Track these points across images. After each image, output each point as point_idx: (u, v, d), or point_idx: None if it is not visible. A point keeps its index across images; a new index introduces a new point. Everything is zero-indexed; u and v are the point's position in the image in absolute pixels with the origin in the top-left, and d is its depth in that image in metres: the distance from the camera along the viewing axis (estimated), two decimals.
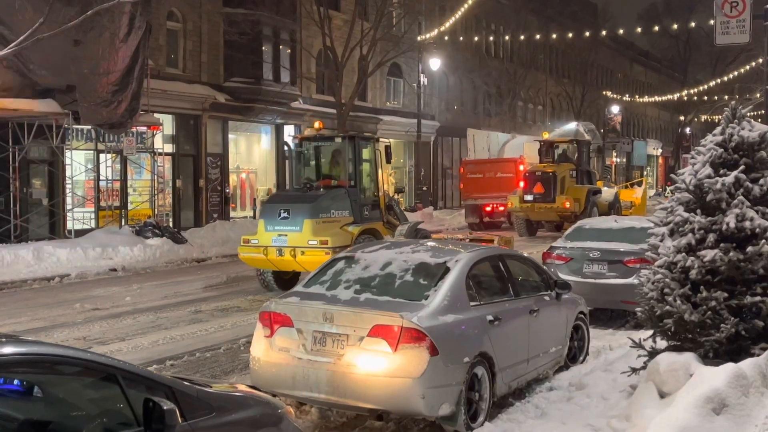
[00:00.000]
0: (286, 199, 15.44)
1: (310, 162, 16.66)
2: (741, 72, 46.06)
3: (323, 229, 14.46)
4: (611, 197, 27.03)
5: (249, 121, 29.05)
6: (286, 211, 14.58)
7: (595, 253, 11.79)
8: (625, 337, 9.13)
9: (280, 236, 14.42)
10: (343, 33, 30.39)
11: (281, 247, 14.29)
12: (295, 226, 14.34)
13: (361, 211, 15.53)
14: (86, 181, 23.38)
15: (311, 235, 14.23)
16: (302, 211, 14.46)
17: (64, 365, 3.95)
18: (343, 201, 15.18)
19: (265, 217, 15.00)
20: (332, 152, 16.60)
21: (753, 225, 6.67)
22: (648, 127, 75.15)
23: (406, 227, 16.00)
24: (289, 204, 14.81)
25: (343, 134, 17.00)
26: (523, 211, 25.41)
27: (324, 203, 14.82)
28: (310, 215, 14.40)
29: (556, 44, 47.91)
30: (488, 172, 29.52)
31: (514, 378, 7.54)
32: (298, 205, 14.64)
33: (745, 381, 5.94)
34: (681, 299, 6.76)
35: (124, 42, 20.88)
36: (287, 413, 4.98)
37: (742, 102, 9.11)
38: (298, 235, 14.26)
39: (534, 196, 24.88)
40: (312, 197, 14.95)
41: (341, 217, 15.02)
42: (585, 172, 26.70)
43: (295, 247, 14.15)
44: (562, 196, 24.75)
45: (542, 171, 25.52)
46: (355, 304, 6.75)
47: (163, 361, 9.48)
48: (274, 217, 14.65)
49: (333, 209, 14.93)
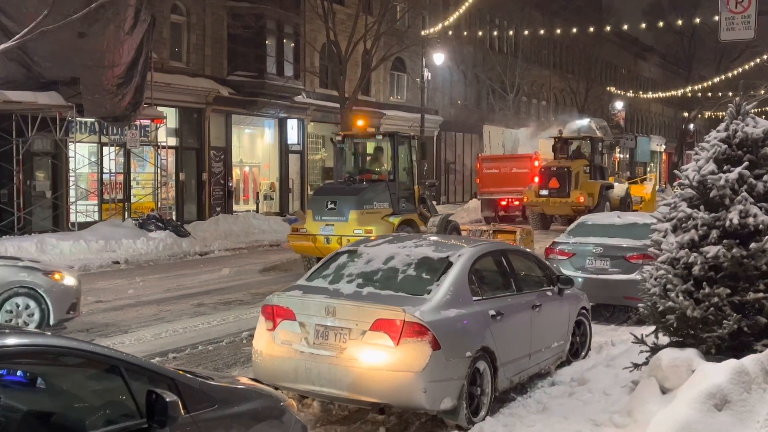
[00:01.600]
0: (332, 192, 16.60)
1: (352, 157, 18.04)
2: (746, 68, 45.96)
3: (367, 219, 15.69)
4: (623, 192, 27.68)
5: (252, 115, 29.04)
6: (333, 202, 15.87)
7: (597, 248, 11.79)
8: (627, 332, 9.15)
9: (327, 225, 15.70)
10: (347, 27, 30.33)
11: (328, 235, 15.53)
12: (341, 217, 15.64)
13: (399, 203, 16.74)
14: (90, 174, 23.40)
15: (356, 224, 15.46)
16: (348, 202, 15.76)
17: (67, 357, 3.97)
18: (383, 194, 16.44)
19: (313, 208, 16.36)
20: (373, 149, 18.11)
21: (756, 221, 6.67)
22: (652, 123, 74.98)
23: (438, 219, 17.37)
24: (336, 196, 16.06)
25: (383, 132, 18.58)
26: (539, 205, 26.03)
27: (367, 196, 16.08)
28: (355, 207, 15.69)
29: (561, 39, 47.81)
30: (504, 167, 30.06)
31: (515, 373, 7.55)
32: (344, 198, 15.90)
33: (747, 377, 5.94)
34: (684, 295, 6.76)
35: (129, 35, 20.90)
36: (289, 406, 5.00)
37: (747, 98, 9.10)
38: (345, 224, 15.52)
39: (549, 190, 25.60)
40: (356, 190, 16.20)
41: (382, 209, 16.28)
42: (598, 167, 27.35)
43: (341, 236, 15.23)
44: (576, 191, 25.40)
45: (557, 167, 26.20)
46: (357, 298, 6.76)
47: (165, 354, 9.50)
48: (322, 208, 15.94)
49: (375, 201, 16.23)
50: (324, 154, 33.99)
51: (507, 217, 29.27)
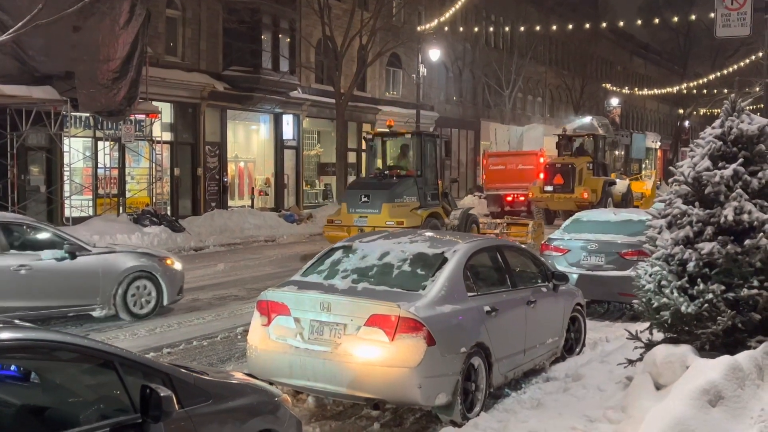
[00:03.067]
0: (365, 186, 18.15)
1: (381, 154, 19.55)
2: (741, 65, 46.01)
3: (398, 211, 17.18)
4: (624, 188, 28.37)
5: (248, 110, 28.98)
6: (366, 196, 17.39)
7: (592, 245, 11.80)
8: (621, 329, 9.16)
9: (361, 217, 17.23)
10: (343, 22, 30.30)
11: (362, 226, 16.84)
12: (374, 209, 17.15)
13: (426, 198, 18.19)
14: (84, 169, 23.33)
15: (388, 216, 16.93)
16: (381, 196, 17.27)
17: (61, 351, 3.96)
18: (412, 188, 17.92)
19: (347, 201, 17.87)
20: (400, 146, 19.43)
21: (751, 218, 6.68)
22: (647, 120, 75.04)
23: (459, 212, 18.91)
24: (369, 190, 17.59)
25: (411, 131, 20.03)
26: (544, 200, 26.74)
27: (398, 190, 17.59)
28: (387, 200, 17.23)
29: (556, 36, 47.81)
30: (510, 163, 30.81)
31: (510, 369, 7.56)
32: (377, 192, 17.39)
33: (741, 373, 5.96)
34: (678, 291, 6.78)
35: (124, 29, 20.82)
36: (284, 401, 5.00)
37: (742, 95, 9.11)
38: (377, 216, 17.01)
39: (554, 186, 26.31)
40: (388, 185, 17.70)
41: (410, 202, 17.78)
42: (600, 164, 28.03)
43: (374, 227, 16.40)
44: (580, 187, 26.09)
45: (562, 163, 26.86)
46: (352, 293, 6.76)
47: (160, 349, 9.49)
48: (356, 201, 17.50)
49: (405, 195, 17.73)
50: (319, 150, 33.95)
51: (512, 212, 29.78)
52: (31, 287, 10.18)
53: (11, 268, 10.05)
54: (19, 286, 10.09)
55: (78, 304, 10.78)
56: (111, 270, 10.87)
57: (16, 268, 10.10)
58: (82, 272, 10.59)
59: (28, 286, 10.14)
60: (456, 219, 18.51)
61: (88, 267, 10.66)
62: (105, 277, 10.80)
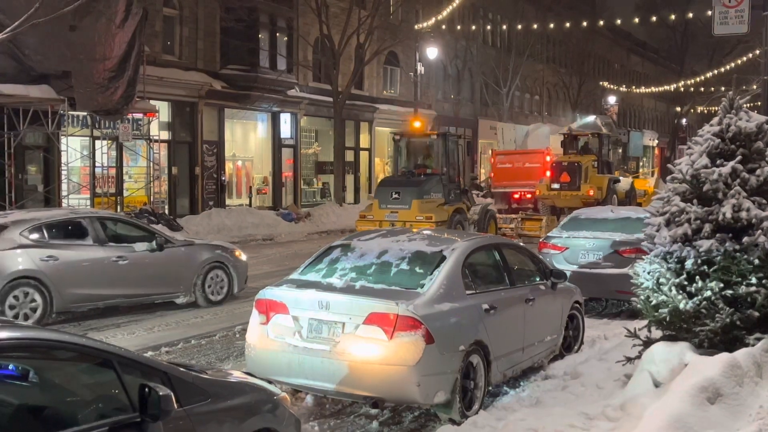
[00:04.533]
0: (395, 184, 19.45)
1: (407, 154, 20.85)
2: (738, 63, 46.00)
3: (426, 207, 18.48)
4: (628, 186, 28.99)
5: (245, 109, 28.96)
6: (396, 193, 18.74)
7: (590, 243, 11.81)
8: (619, 326, 9.16)
9: (392, 213, 18.50)
10: (341, 21, 30.28)
11: (393, 221, 18.08)
12: (404, 205, 18.47)
13: (450, 194, 19.48)
14: (82, 168, 23.31)
15: (418, 211, 18.27)
16: (410, 193, 18.60)
17: (60, 350, 3.95)
18: (438, 185, 19.22)
19: (379, 197, 19.22)
20: (425, 146, 20.84)
21: (749, 215, 6.68)
22: (644, 118, 75.07)
23: (479, 207, 20.51)
24: (399, 187, 18.93)
25: (436, 132, 21.34)
26: (550, 198, 27.22)
27: (426, 187, 18.93)
28: (417, 196, 18.54)
29: (554, 34, 47.81)
30: (517, 162, 31.40)
31: (509, 366, 7.56)
32: (407, 189, 18.73)
33: (739, 371, 5.96)
34: (676, 289, 6.78)
35: (121, 28, 20.79)
36: (283, 400, 4.99)
37: (740, 93, 9.13)
38: (407, 211, 18.32)
39: (561, 184, 26.79)
40: (417, 182, 19.08)
41: (437, 199, 19.05)
42: (605, 162, 28.55)
43: (405, 221, 17.85)
44: (586, 184, 26.55)
45: (568, 161, 27.36)
46: (351, 291, 6.75)
47: (158, 348, 9.48)
48: (387, 198, 18.85)
49: (432, 192, 19.01)
50: (317, 148, 33.94)
51: (519, 209, 30.12)
52: (128, 276, 11.23)
53: (111, 259, 11.08)
54: (118, 275, 11.12)
55: (165, 291, 11.88)
56: (192, 261, 11.97)
57: (114, 259, 11.12)
58: (169, 263, 11.68)
59: (125, 275, 11.18)
60: (476, 214, 20.08)
61: (173, 258, 11.75)
62: (187, 267, 11.88)
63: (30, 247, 10.43)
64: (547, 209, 27.48)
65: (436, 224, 17.93)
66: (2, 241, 10.31)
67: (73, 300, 10.78)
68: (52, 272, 10.45)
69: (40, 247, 10.52)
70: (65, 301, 10.68)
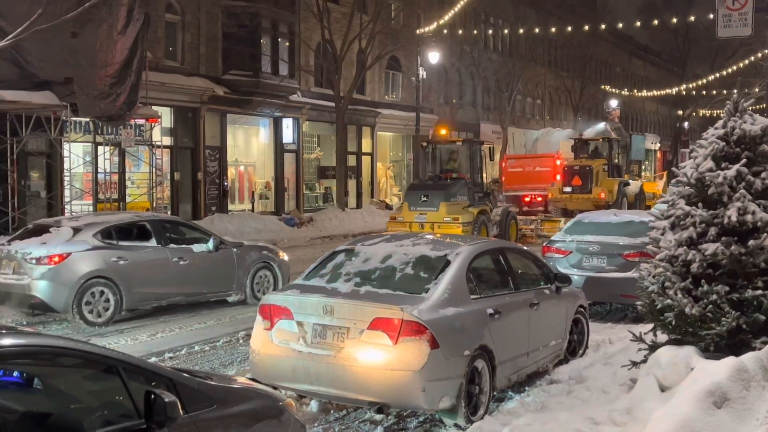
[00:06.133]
0: (423, 188, 20.75)
1: (434, 159, 22.05)
2: (740, 66, 45.97)
3: (453, 209, 19.62)
4: (637, 189, 29.58)
5: (247, 114, 28.96)
6: (425, 196, 19.96)
7: (594, 246, 11.78)
8: (624, 330, 9.14)
9: (421, 214, 19.72)
10: (342, 26, 30.30)
11: (422, 222, 19.50)
12: (433, 207, 19.66)
13: (475, 197, 20.54)
14: (84, 174, 23.32)
15: (446, 213, 19.45)
16: (438, 196, 19.74)
17: (64, 357, 3.93)
18: (464, 189, 20.35)
19: (408, 200, 20.50)
20: (451, 152, 22.11)
21: (755, 219, 6.65)
22: (646, 122, 75.03)
23: (500, 210, 21.59)
24: (427, 191, 20.20)
25: (462, 139, 23.10)
26: (562, 201, 27.84)
27: (453, 190, 20.05)
28: (444, 199, 19.67)
29: (555, 38, 47.83)
30: (527, 166, 32.19)
31: (514, 371, 7.54)
32: (435, 192, 19.94)
33: (746, 375, 5.93)
34: (682, 293, 6.75)
35: (122, 34, 20.80)
36: (288, 406, 4.97)
37: (743, 96, 9.12)
38: (436, 213, 19.54)
39: (572, 188, 27.53)
40: (444, 186, 20.28)
41: (462, 201, 20.13)
42: (615, 166, 29.16)
43: (433, 223, 19.33)
44: (597, 187, 27.24)
45: (579, 165, 28.04)
46: (355, 296, 6.73)
47: (161, 354, 9.46)
48: (416, 200, 20.07)
49: (458, 195, 20.11)
50: (319, 153, 33.94)
51: (530, 212, 30.43)
52: (188, 276, 11.99)
53: (173, 260, 11.86)
54: (179, 275, 11.89)
55: (219, 290, 12.59)
56: (242, 261, 12.74)
57: (176, 259, 11.90)
58: (223, 263, 12.48)
59: (185, 274, 11.95)
60: (498, 215, 21.18)
61: (227, 258, 12.55)
62: (239, 267, 12.65)
63: (102, 249, 11.20)
64: (559, 212, 27.96)
65: (463, 225, 19.27)
66: (78, 242, 11.06)
67: (140, 298, 11.57)
68: (122, 272, 11.24)
69: (110, 248, 11.30)
70: (133, 300, 11.46)
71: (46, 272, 10.78)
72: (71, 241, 11.06)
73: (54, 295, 10.77)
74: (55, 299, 10.80)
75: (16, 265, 11.02)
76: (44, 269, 10.78)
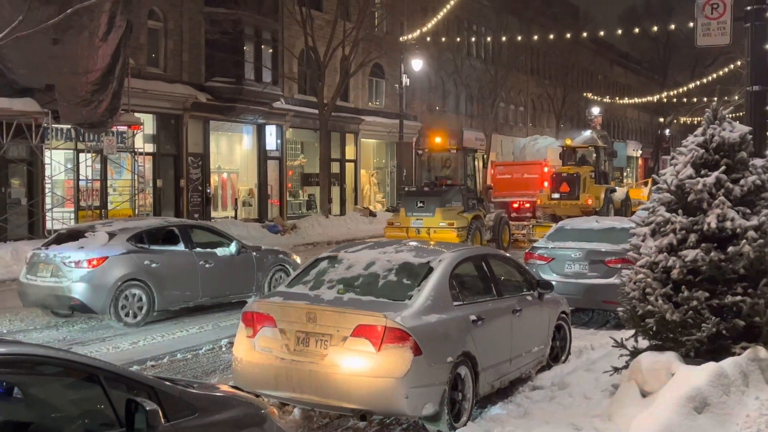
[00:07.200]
0: (420, 194, 21.33)
1: (429, 166, 23.00)
2: (719, 74, 46.40)
3: (448, 214, 20.33)
4: (623, 195, 30.11)
5: (230, 121, 28.89)
6: (421, 202, 20.66)
7: (576, 253, 11.84)
8: (606, 336, 9.18)
9: (417, 219, 20.46)
10: (326, 33, 30.33)
11: (419, 227, 20.27)
12: (429, 213, 20.37)
13: (469, 203, 21.26)
14: (66, 181, 23.17)
15: (441, 218, 20.17)
16: (434, 202, 20.51)
17: (44, 365, 3.90)
18: (458, 195, 21.06)
19: (405, 206, 21.13)
20: (445, 160, 22.86)
21: (734, 225, 6.72)
22: (628, 129, 75.56)
23: (493, 215, 22.26)
24: (423, 197, 20.89)
25: (456, 147, 23.32)
26: (551, 207, 28.18)
27: (448, 196, 20.78)
28: (440, 204, 20.42)
29: (538, 45, 48.09)
30: (516, 173, 32.85)
31: (497, 377, 7.55)
32: (431, 198, 20.68)
33: (726, 380, 5.98)
34: (663, 299, 6.80)
35: (104, 41, 20.71)
36: (270, 413, 4.96)
37: (722, 104, 9.21)
38: (431, 218, 20.26)
39: (560, 194, 27.94)
40: (439, 192, 20.99)
41: (457, 207, 20.83)
42: (602, 173, 29.61)
43: (429, 227, 20.11)
44: (584, 194, 27.66)
45: (567, 172, 28.41)
46: (338, 303, 6.73)
47: (143, 362, 9.41)
48: (413, 206, 20.75)
49: (453, 201, 20.84)
50: (303, 160, 33.91)
51: (518, 218, 30.73)
52: (213, 278, 12.57)
53: (199, 263, 12.43)
54: (205, 277, 12.45)
55: (240, 291, 13.05)
56: (262, 264, 13.41)
57: (202, 263, 12.46)
58: (244, 266, 13.10)
59: (210, 277, 12.53)
60: (491, 221, 21.82)
61: (248, 261, 13.20)
62: (258, 269, 13.28)
63: (135, 253, 11.72)
64: (548, 218, 28.29)
65: (458, 230, 20.04)
66: (113, 247, 11.55)
67: (170, 300, 12.06)
68: (154, 275, 11.78)
69: (143, 252, 11.82)
70: (165, 301, 11.96)
71: (85, 275, 11.24)
72: (107, 246, 11.52)
73: (93, 297, 11.23)
74: (93, 301, 11.24)
75: (54, 268, 11.45)
76: (83, 272, 11.24)
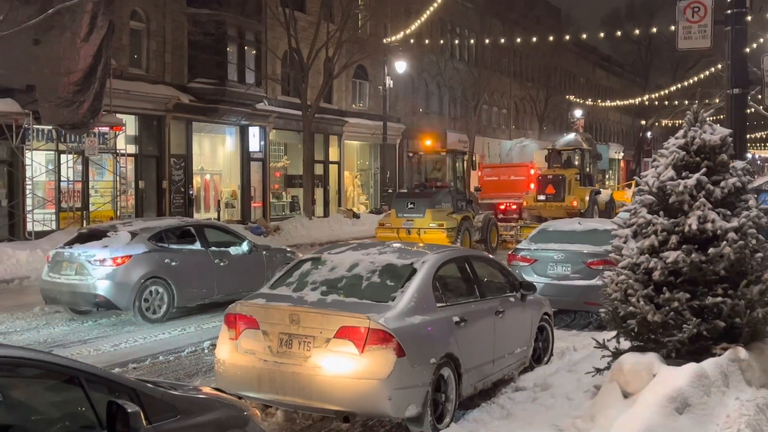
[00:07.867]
0: (410, 195, 21.84)
1: (419, 169, 23.53)
2: (701, 77, 46.81)
3: (438, 215, 20.68)
4: (607, 197, 30.43)
5: (213, 123, 28.78)
6: (412, 203, 21.05)
7: (559, 254, 11.89)
8: (588, 337, 9.22)
9: (408, 221, 20.77)
10: (309, 34, 30.30)
11: (409, 228, 20.61)
12: (419, 214, 20.70)
13: (458, 204, 21.63)
14: (47, 182, 22.97)
15: (431, 219, 20.52)
16: (424, 203, 20.86)
17: (25, 367, 3.88)
18: (447, 196, 21.45)
19: (396, 207, 21.54)
20: (435, 162, 23.40)
21: (714, 227, 6.77)
22: (610, 131, 75.99)
23: (482, 216, 22.53)
24: (414, 198, 21.31)
25: (445, 149, 24.00)
26: (537, 208, 28.56)
27: (438, 198, 21.15)
28: (430, 206, 20.75)
29: (520, 48, 48.28)
30: (503, 175, 33.43)
31: (479, 379, 7.57)
32: (421, 199, 21.05)
33: (707, 381, 6.03)
34: (644, 300, 6.83)
35: (86, 41, 20.57)
36: (253, 416, 4.95)
37: (703, 107, 9.30)
38: (422, 219, 20.60)
39: (546, 196, 28.31)
40: (429, 194, 21.36)
41: (447, 208, 21.16)
42: (587, 175, 30.02)
43: (419, 228, 20.47)
44: (570, 196, 28.01)
45: (553, 175, 28.78)
46: (321, 305, 6.72)
47: (125, 365, 9.35)
48: (403, 208, 21.11)
49: (443, 202, 21.19)
50: (286, 162, 33.84)
51: (505, 219, 30.96)
52: (227, 275, 12.96)
53: (215, 261, 12.87)
54: (220, 274, 12.90)
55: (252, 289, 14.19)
56: (271, 262, 13.78)
57: (217, 261, 12.90)
58: (255, 264, 13.53)
59: (225, 274, 12.95)
60: (480, 222, 22.11)
61: (258, 260, 13.65)
62: (267, 267, 13.56)
63: (157, 251, 12.17)
64: (534, 219, 28.54)
65: (447, 231, 20.32)
66: (136, 245, 11.98)
67: (189, 297, 12.50)
68: (174, 272, 12.22)
69: (163, 251, 12.27)
70: (184, 298, 12.39)
71: (110, 273, 11.66)
72: (130, 245, 11.96)
73: (118, 294, 11.64)
74: (118, 297, 11.66)
75: (78, 266, 11.86)
76: (108, 270, 11.66)
